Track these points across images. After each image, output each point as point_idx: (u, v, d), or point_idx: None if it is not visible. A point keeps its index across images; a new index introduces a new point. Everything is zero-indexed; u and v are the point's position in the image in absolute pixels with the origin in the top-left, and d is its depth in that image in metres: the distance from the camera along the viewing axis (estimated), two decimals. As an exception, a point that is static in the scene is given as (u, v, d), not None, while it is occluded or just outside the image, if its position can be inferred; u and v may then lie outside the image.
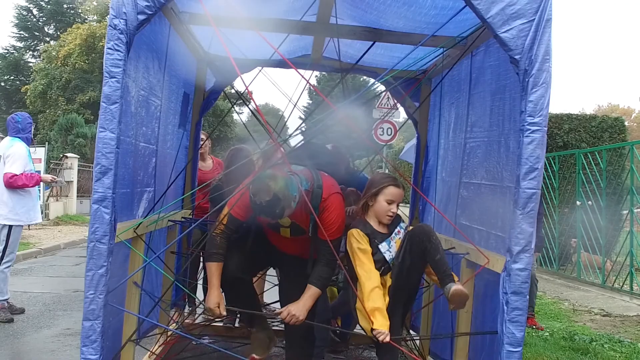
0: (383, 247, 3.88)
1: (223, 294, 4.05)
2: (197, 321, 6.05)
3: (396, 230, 3.98)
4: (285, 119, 5.76)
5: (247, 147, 6.61)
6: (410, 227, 4.02)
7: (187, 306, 6.16)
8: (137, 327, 4.12)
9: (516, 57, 3.32)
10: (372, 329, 3.66)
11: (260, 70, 5.51)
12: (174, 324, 5.54)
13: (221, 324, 6.10)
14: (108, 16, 3.32)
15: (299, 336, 4.30)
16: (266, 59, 5.85)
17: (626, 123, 16.87)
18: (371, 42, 4.96)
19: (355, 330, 6.01)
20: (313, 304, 3.98)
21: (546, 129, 3.36)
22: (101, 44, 34.16)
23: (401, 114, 18.83)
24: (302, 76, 4.51)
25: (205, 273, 5.36)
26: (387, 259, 3.85)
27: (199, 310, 5.98)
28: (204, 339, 5.44)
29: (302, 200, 3.79)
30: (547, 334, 6.23)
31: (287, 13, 4.66)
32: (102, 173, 3.25)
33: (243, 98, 6.26)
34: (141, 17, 3.27)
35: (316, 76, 41.11)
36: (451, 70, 5.45)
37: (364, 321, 3.81)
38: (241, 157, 6.14)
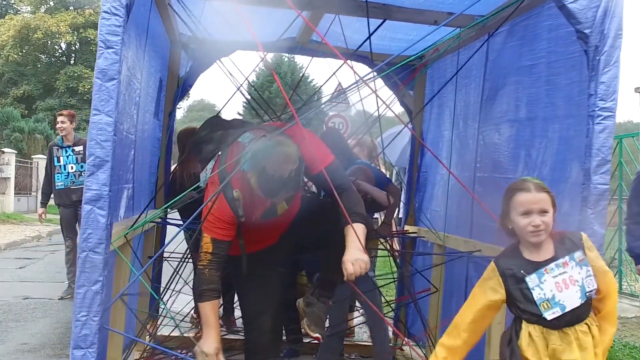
0: (531, 280, 2.67)
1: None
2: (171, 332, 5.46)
3: (561, 261, 2.66)
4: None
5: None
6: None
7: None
8: (124, 348, 3.51)
9: (586, 31, 2.88)
10: None
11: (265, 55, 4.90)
12: (147, 336, 4.93)
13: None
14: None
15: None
16: (249, 41, 5.29)
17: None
18: (375, 21, 4.46)
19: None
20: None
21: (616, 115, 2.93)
22: (36, 35, 32.81)
23: (353, 108, 18.36)
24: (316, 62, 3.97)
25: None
26: (535, 299, 2.64)
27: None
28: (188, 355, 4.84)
29: None
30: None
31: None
32: (97, 166, 2.64)
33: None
34: (145, -27, 2.68)
35: (255, 71, 40.08)
36: (456, 55, 5.01)
37: None
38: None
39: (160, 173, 5.33)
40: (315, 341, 3.60)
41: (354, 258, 3.03)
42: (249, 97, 5.14)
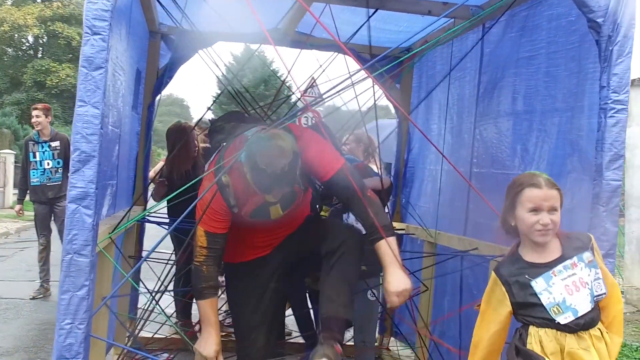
0: (538, 284, 2.48)
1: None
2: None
3: (569, 262, 2.49)
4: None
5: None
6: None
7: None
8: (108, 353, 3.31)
9: (598, 20, 2.75)
10: None
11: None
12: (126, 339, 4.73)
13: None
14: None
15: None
16: (231, 32, 5.11)
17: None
18: (364, 12, 4.29)
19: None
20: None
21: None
22: (2, 28, 32.22)
23: (327, 102, 18.14)
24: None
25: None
26: (544, 304, 2.46)
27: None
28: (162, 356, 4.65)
29: None
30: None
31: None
32: (83, 162, 2.45)
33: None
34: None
35: (226, 65, 39.57)
36: (446, 47, 4.87)
37: None
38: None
39: (139, 168, 5.13)
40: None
41: (400, 290, 2.91)
42: (240, 91, 4.92)
